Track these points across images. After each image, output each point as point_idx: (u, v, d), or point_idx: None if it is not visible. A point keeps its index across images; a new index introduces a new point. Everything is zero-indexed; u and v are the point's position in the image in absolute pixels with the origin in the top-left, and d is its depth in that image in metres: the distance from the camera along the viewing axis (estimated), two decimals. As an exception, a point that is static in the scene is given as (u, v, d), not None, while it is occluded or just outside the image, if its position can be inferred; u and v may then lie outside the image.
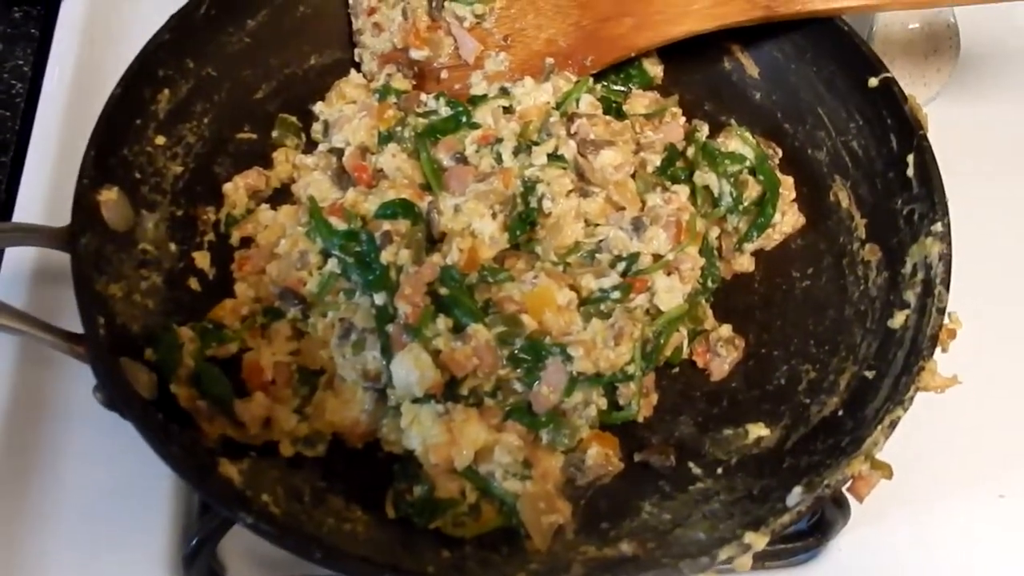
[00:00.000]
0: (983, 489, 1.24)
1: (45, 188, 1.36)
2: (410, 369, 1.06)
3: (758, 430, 1.13)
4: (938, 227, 1.11)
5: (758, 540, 0.93)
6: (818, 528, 1.16)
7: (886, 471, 0.99)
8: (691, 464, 1.12)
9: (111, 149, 1.15)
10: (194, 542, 1.06)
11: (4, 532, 1.13)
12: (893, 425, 1.00)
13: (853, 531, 1.17)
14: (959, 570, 1.19)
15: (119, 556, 1.13)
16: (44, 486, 1.16)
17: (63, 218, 1.09)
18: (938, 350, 1.06)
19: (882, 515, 1.19)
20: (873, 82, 1.21)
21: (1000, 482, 1.24)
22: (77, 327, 1.03)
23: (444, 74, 1.36)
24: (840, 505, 1.10)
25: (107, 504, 1.16)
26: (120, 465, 1.16)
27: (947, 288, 1.07)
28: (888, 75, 1.20)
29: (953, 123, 1.50)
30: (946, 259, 1.09)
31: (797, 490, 0.98)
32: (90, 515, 1.15)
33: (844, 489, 1.02)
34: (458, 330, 1.09)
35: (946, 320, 1.07)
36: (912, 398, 1.01)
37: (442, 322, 1.09)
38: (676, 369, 1.22)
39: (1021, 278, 1.37)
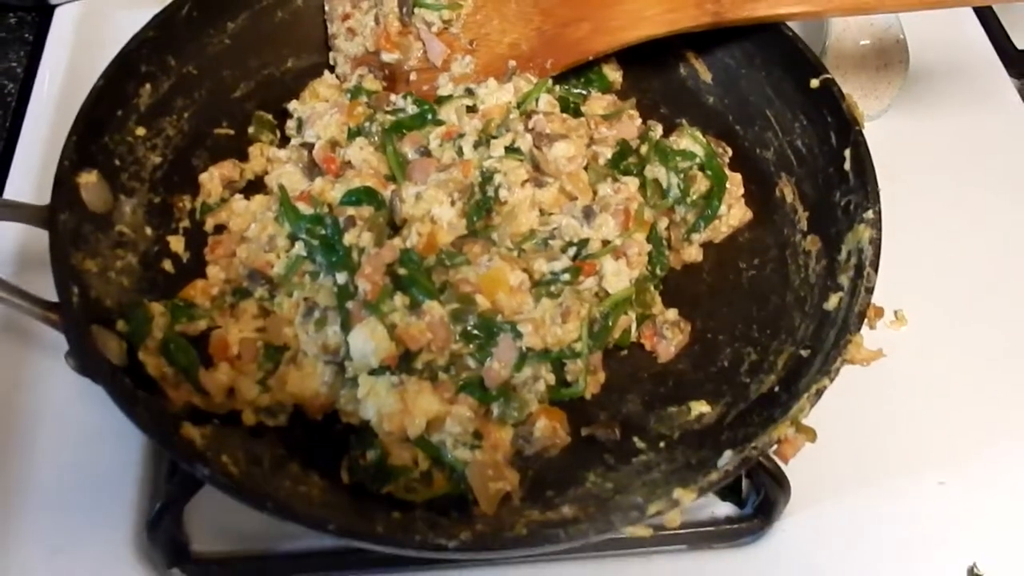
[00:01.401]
0: (924, 476, 1.27)
1: (36, 169, 1.44)
2: (366, 340, 1.11)
3: (700, 407, 1.18)
4: (869, 214, 1.16)
5: (686, 496, 0.98)
6: (761, 510, 1.21)
7: (810, 435, 1.04)
8: (635, 439, 1.17)
9: (92, 136, 1.22)
10: (158, 506, 1.11)
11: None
12: (819, 393, 1.05)
13: (797, 514, 1.22)
14: (901, 553, 1.22)
15: (87, 524, 1.18)
16: (15, 452, 1.22)
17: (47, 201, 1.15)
18: (871, 330, 1.11)
19: (825, 499, 1.24)
20: (815, 83, 1.28)
21: (941, 469, 1.28)
22: (54, 299, 1.09)
23: (413, 76, 1.42)
24: (780, 484, 1.14)
25: (76, 470, 1.21)
26: (90, 438, 1.22)
27: (875, 269, 1.12)
28: (828, 76, 1.27)
29: (904, 134, 1.59)
30: (876, 243, 1.14)
31: (728, 453, 1.03)
32: (59, 481, 1.20)
33: (771, 452, 1.06)
34: (414, 307, 1.15)
35: (888, 320, 1.12)
36: (838, 369, 1.06)
37: (399, 299, 1.15)
38: (625, 351, 1.27)
39: (958, 279, 1.43)
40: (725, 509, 1.24)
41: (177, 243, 1.28)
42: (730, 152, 1.36)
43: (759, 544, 1.23)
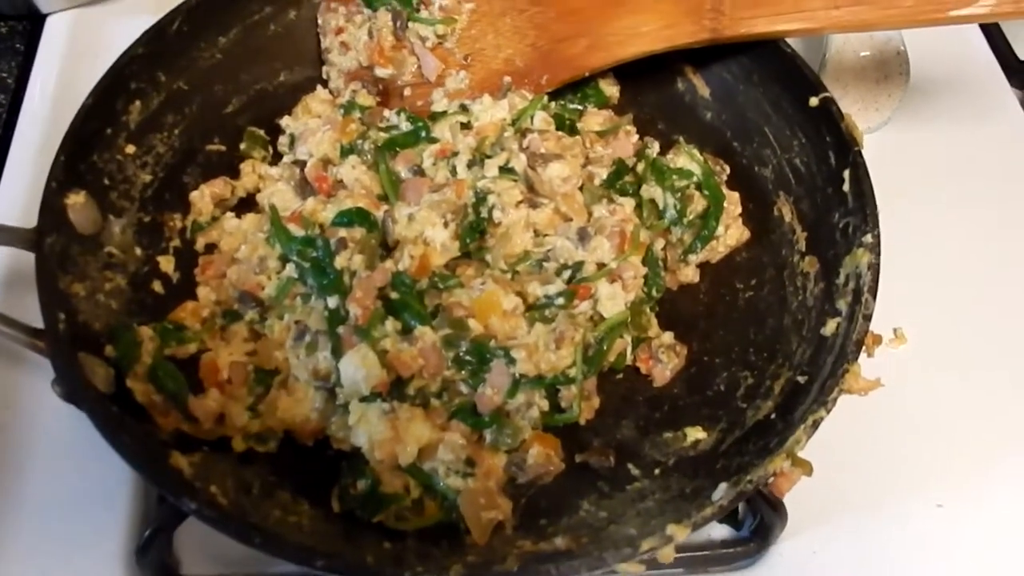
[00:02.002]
0: (921, 498, 1.25)
1: (23, 190, 1.42)
2: (357, 367, 1.10)
3: (696, 433, 1.17)
4: (868, 238, 1.15)
5: (680, 532, 0.97)
6: (758, 534, 1.19)
7: (806, 468, 1.03)
8: (630, 465, 1.15)
9: (81, 155, 1.20)
10: (148, 532, 1.10)
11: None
12: (816, 424, 1.03)
13: (793, 538, 1.20)
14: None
15: (76, 546, 1.16)
16: (4, 476, 1.20)
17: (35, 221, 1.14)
18: (868, 357, 1.10)
19: (822, 523, 1.22)
20: (814, 101, 1.26)
21: (938, 491, 1.26)
22: (42, 325, 1.08)
23: (407, 91, 1.41)
24: (776, 508, 1.13)
25: (66, 494, 1.19)
26: (80, 460, 1.20)
27: (874, 296, 1.11)
28: (827, 95, 1.25)
29: (904, 146, 1.56)
30: (874, 268, 1.13)
31: (723, 486, 1.02)
32: (48, 507, 1.19)
33: (766, 486, 1.05)
34: (406, 332, 1.14)
35: (887, 339, 1.10)
36: (835, 399, 1.05)
37: (391, 324, 1.13)
38: (620, 375, 1.25)
39: (958, 296, 1.40)
40: (721, 531, 1.22)
41: (167, 263, 1.26)
42: (728, 170, 1.35)
43: (756, 568, 1.21)
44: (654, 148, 1.35)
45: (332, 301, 1.16)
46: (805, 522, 1.19)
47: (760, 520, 1.18)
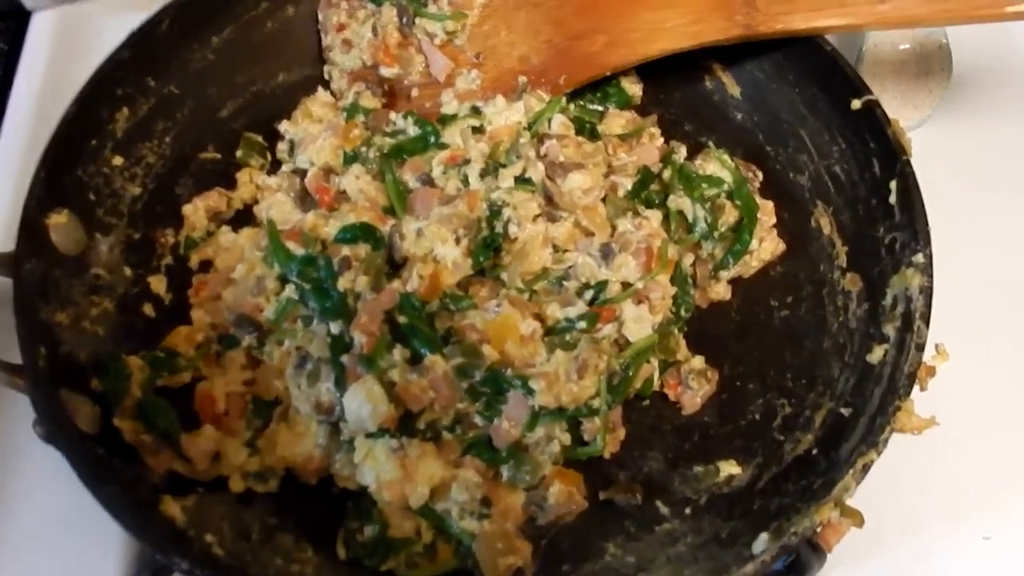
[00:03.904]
0: (967, 531, 1.18)
1: (7, 208, 1.32)
2: (362, 402, 1.01)
3: (730, 468, 1.09)
4: (919, 258, 1.06)
5: (720, 592, 0.89)
6: (792, 570, 1.10)
7: (857, 519, 0.94)
8: (659, 503, 1.08)
9: (64, 169, 1.12)
10: (138, 579, 1.03)
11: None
12: (866, 469, 0.95)
13: (832, 574, 1.12)
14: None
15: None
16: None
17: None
18: (916, 388, 1.01)
19: (861, 558, 1.14)
20: (856, 104, 1.17)
21: (984, 523, 1.19)
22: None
23: (414, 92, 1.31)
24: (815, 548, 1.04)
25: (53, 538, 1.12)
26: (68, 497, 1.11)
27: (927, 323, 1.03)
28: (871, 97, 1.16)
29: (944, 147, 1.46)
30: (927, 292, 1.04)
31: (763, 537, 0.94)
32: (36, 549, 1.12)
33: (813, 536, 0.96)
34: (415, 361, 1.05)
35: (929, 356, 1.02)
36: (887, 440, 0.97)
37: (398, 352, 1.05)
38: (646, 402, 1.17)
39: (1004, 311, 1.31)
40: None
41: (159, 283, 1.18)
42: (760, 176, 1.25)
43: (786, 606, 1.14)
44: (681, 153, 1.26)
45: (335, 327, 1.07)
46: (842, 558, 1.10)
47: (796, 557, 1.10)
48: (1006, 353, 1.27)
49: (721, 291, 1.22)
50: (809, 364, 1.14)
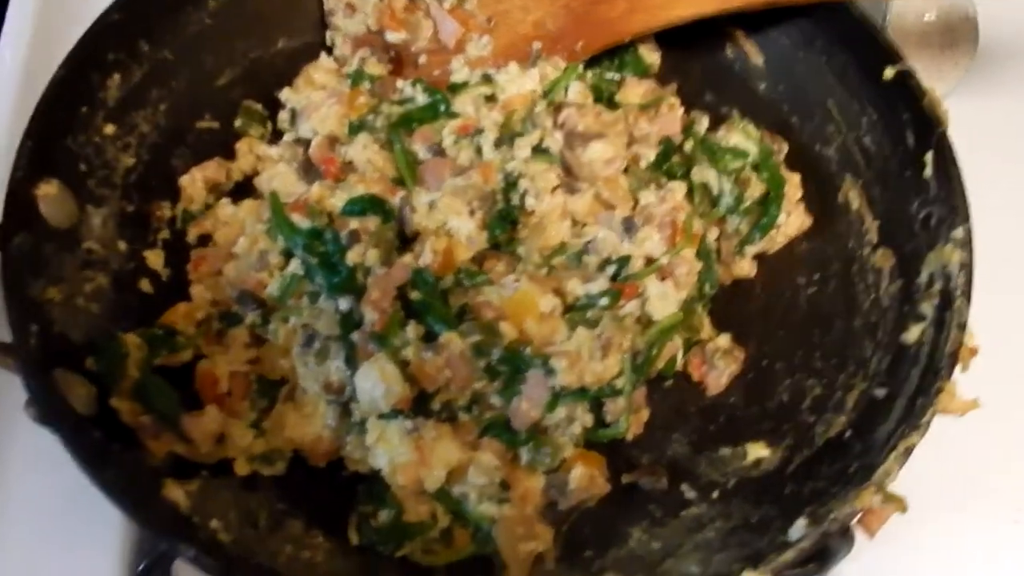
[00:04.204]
0: (998, 513, 1.16)
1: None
2: (376, 382, 0.97)
3: (758, 450, 1.05)
4: (959, 233, 1.02)
5: (757, 580, 0.84)
6: (818, 555, 1.06)
7: (900, 505, 0.91)
8: (684, 486, 1.04)
9: (53, 138, 1.06)
10: (141, 567, 0.97)
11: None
12: (908, 452, 0.91)
13: (857, 558, 1.06)
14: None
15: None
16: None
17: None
18: (963, 372, 0.97)
19: (888, 541, 1.08)
20: (888, 73, 1.12)
21: (1016, 505, 1.16)
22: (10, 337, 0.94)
23: (422, 59, 1.26)
24: (843, 533, 1.00)
25: (53, 523, 1.08)
26: (66, 481, 1.05)
27: (968, 300, 0.99)
28: (905, 66, 1.10)
29: (970, 120, 1.39)
30: (967, 269, 1.00)
31: (800, 523, 0.90)
32: (35, 536, 1.08)
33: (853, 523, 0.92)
34: (429, 339, 1.01)
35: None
36: (929, 423, 0.92)
37: (412, 330, 1.00)
38: (669, 382, 1.13)
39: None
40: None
41: (155, 258, 1.13)
42: (786, 148, 1.21)
43: (813, 593, 1.10)
44: (702, 124, 1.22)
45: (344, 303, 1.02)
46: (865, 543, 1.05)
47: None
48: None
49: (746, 267, 1.18)
50: (839, 344, 1.09)
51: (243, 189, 1.21)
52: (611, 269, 1.08)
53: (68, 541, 1.07)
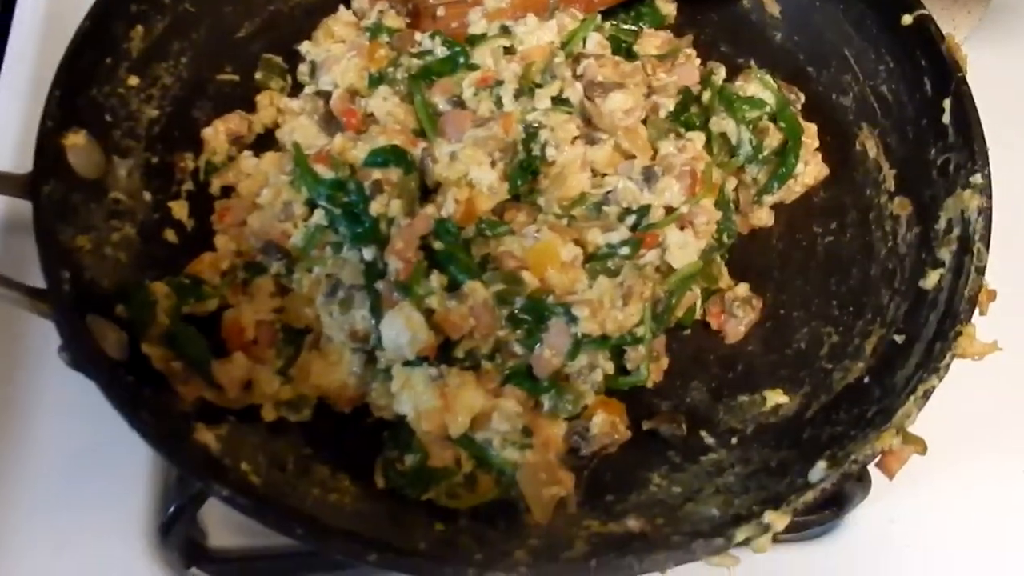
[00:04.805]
0: (1009, 462, 1.17)
1: (16, 130, 1.27)
2: (401, 330, 0.98)
3: (776, 397, 1.06)
4: (977, 178, 1.03)
5: (779, 520, 0.86)
6: (835, 501, 1.09)
7: (919, 446, 0.92)
8: (703, 433, 1.05)
9: (79, 89, 1.07)
10: (171, 510, 1.01)
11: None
12: (927, 395, 0.93)
13: (872, 504, 1.09)
14: (983, 546, 1.13)
15: (94, 521, 1.08)
16: (14, 450, 1.10)
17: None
18: (982, 316, 0.98)
19: (900, 489, 1.10)
20: (907, 20, 1.12)
21: (1025, 456, 1.17)
22: (43, 283, 0.96)
23: (440, 11, 1.26)
24: (860, 478, 1.03)
25: (81, 466, 1.10)
26: (94, 425, 1.08)
27: (987, 246, 0.99)
28: (923, 12, 1.11)
29: (983, 70, 1.40)
30: (986, 213, 1.01)
31: (821, 464, 0.91)
32: (63, 479, 1.09)
33: (873, 465, 0.94)
34: (453, 288, 1.02)
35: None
36: (948, 366, 0.94)
37: (436, 279, 1.02)
38: (688, 331, 1.14)
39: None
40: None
41: (180, 209, 1.14)
42: (802, 98, 1.21)
43: (829, 538, 1.12)
44: (720, 74, 1.22)
45: (368, 252, 1.03)
46: (883, 488, 1.08)
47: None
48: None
49: (764, 217, 1.19)
50: (856, 291, 1.10)
51: (264, 141, 1.22)
52: (631, 219, 1.08)
53: (97, 480, 1.09)
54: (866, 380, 1.02)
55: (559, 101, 1.13)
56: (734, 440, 1.04)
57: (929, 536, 1.13)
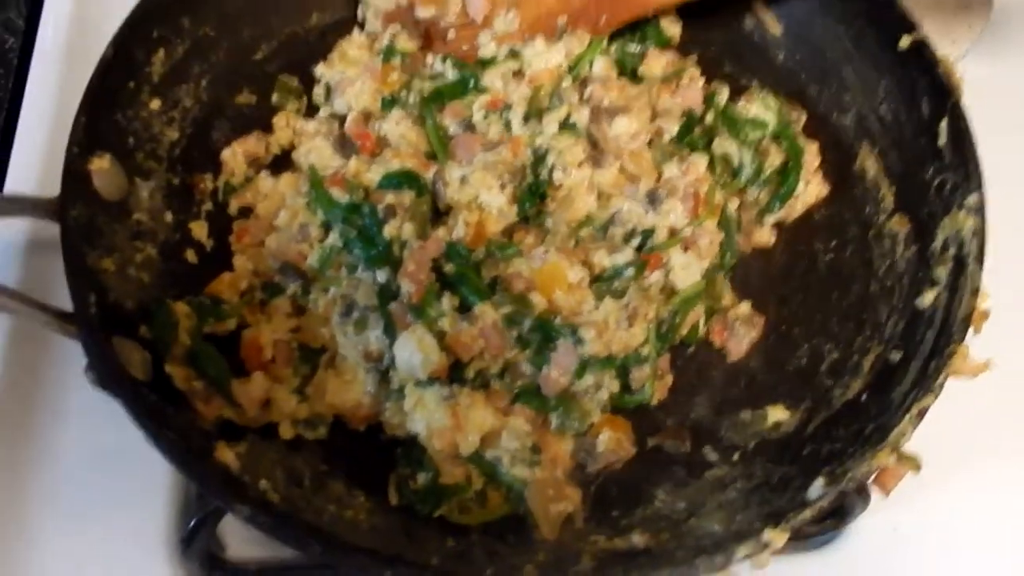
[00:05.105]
0: (1010, 470, 1.19)
1: (40, 151, 1.30)
2: (414, 351, 1.01)
3: (777, 413, 1.09)
4: (972, 199, 1.05)
5: (778, 537, 0.89)
6: (835, 512, 1.11)
7: (913, 464, 0.95)
8: (706, 449, 1.08)
9: (103, 114, 1.09)
10: (192, 524, 1.04)
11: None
12: (922, 414, 0.95)
13: (873, 515, 1.11)
14: (989, 553, 1.15)
15: (117, 532, 1.11)
16: (39, 464, 1.14)
17: (57, 185, 1.03)
18: (969, 332, 1.00)
19: (903, 498, 1.12)
20: (904, 42, 1.14)
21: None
22: (70, 302, 0.98)
23: (451, 34, 1.28)
24: (860, 491, 1.05)
25: (103, 483, 1.13)
26: (116, 442, 1.11)
27: (981, 266, 1.02)
28: (920, 36, 1.13)
29: (982, 83, 1.42)
30: (980, 234, 1.03)
31: (819, 482, 0.94)
32: (86, 494, 1.12)
33: (870, 481, 0.97)
34: (464, 309, 1.05)
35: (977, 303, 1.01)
36: (942, 384, 0.96)
37: (447, 301, 1.05)
38: (692, 348, 1.17)
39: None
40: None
41: (200, 229, 1.17)
42: (803, 117, 1.23)
43: (831, 548, 1.15)
44: (723, 95, 1.24)
45: (382, 275, 1.07)
46: (883, 498, 1.10)
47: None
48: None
49: (765, 235, 1.22)
50: (856, 308, 1.13)
51: (281, 161, 1.25)
52: (636, 240, 1.12)
53: (119, 498, 1.12)
54: (864, 397, 1.04)
55: (566, 125, 1.16)
56: (736, 456, 1.07)
57: (931, 545, 1.15)
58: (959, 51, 1.45)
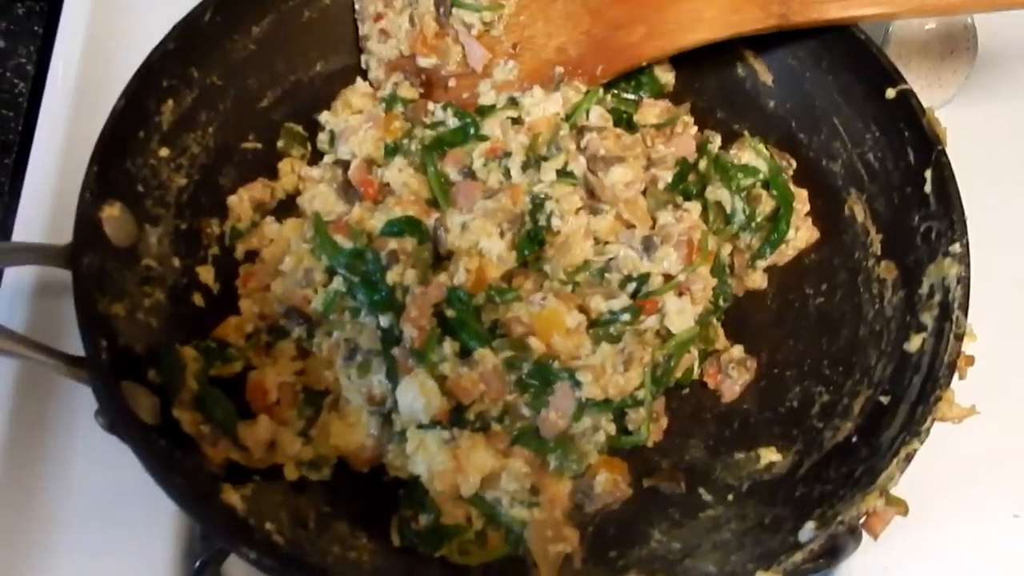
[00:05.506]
0: (997, 509, 1.21)
1: (48, 196, 1.32)
2: (416, 396, 1.04)
3: (770, 455, 1.11)
4: (956, 248, 1.08)
5: (769, 580, 0.92)
6: (828, 552, 1.12)
7: (901, 508, 0.97)
8: (701, 490, 1.11)
9: (114, 163, 1.12)
10: (197, 565, 1.07)
11: (8, 558, 1.13)
12: (909, 458, 0.98)
13: (864, 554, 1.12)
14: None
15: (123, 570, 1.13)
16: (48, 503, 1.16)
17: (66, 231, 1.06)
18: (960, 380, 1.03)
19: (893, 536, 1.13)
20: (891, 93, 1.17)
21: (1014, 501, 1.22)
22: (79, 346, 1.01)
23: (452, 82, 1.32)
24: (852, 531, 1.07)
25: (109, 525, 1.15)
26: (121, 484, 1.15)
27: (965, 313, 1.04)
28: (906, 87, 1.16)
29: (969, 127, 1.44)
30: (964, 282, 1.06)
31: (809, 525, 0.97)
32: (92, 536, 1.15)
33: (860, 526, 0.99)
34: (465, 354, 1.08)
35: (964, 346, 1.04)
36: (929, 429, 0.99)
37: (448, 346, 1.07)
38: (686, 390, 1.20)
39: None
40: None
41: (207, 274, 1.19)
42: (794, 164, 1.26)
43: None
44: (716, 143, 1.27)
45: (385, 320, 1.09)
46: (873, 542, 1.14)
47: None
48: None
49: (757, 280, 1.24)
50: (846, 352, 1.15)
51: (286, 206, 1.28)
52: (632, 286, 1.14)
53: (126, 536, 1.14)
54: (854, 439, 1.06)
55: (564, 173, 1.19)
56: (730, 497, 1.09)
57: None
58: (947, 95, 1.48)
